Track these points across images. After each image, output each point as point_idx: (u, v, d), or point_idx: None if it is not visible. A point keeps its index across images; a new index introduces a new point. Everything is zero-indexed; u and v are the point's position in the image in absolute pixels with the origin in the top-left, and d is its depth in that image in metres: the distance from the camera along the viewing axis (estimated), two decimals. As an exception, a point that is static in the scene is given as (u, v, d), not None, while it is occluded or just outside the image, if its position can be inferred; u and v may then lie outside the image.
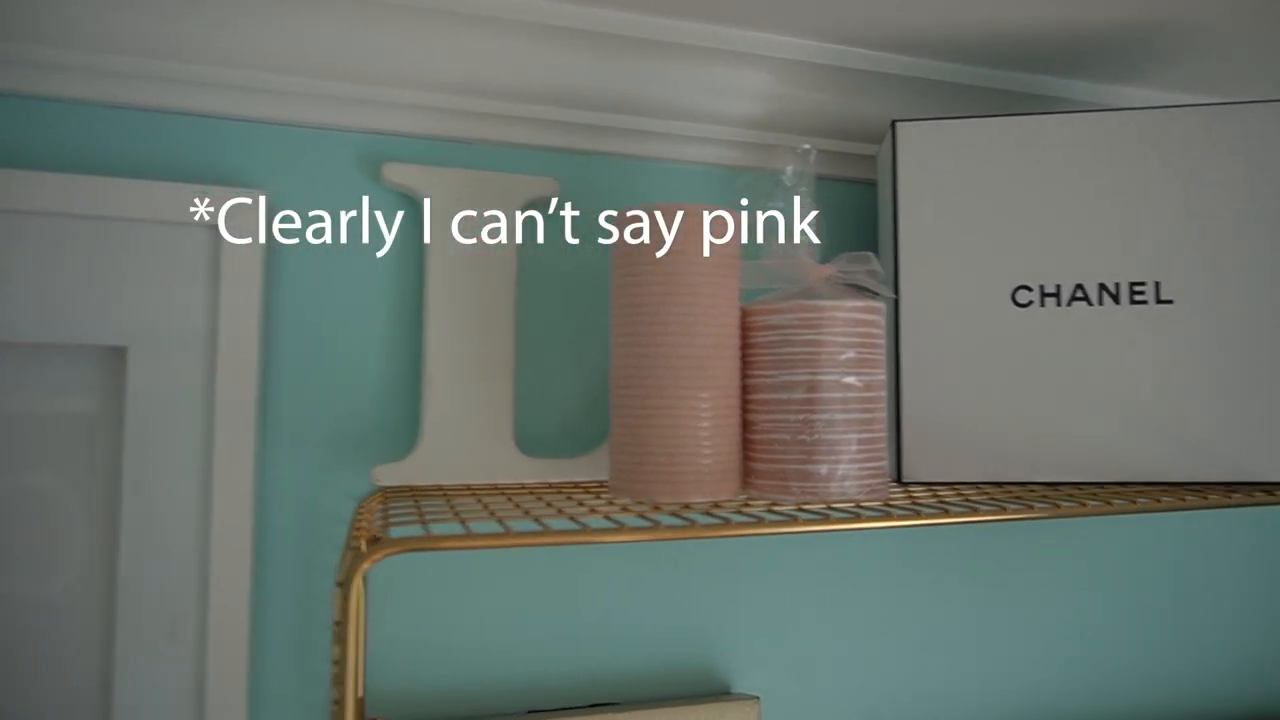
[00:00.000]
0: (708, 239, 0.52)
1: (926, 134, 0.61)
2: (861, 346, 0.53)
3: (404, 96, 0.61)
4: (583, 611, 0.66)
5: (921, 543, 0.75)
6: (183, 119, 0.59)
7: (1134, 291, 0.59)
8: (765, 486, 0.53)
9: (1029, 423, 0.60)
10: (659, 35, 0.63)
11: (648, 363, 0.52)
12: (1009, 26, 0.64)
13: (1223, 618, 0.85)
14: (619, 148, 0.67)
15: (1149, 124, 0.60)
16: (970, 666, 0.76)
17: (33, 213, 0.54)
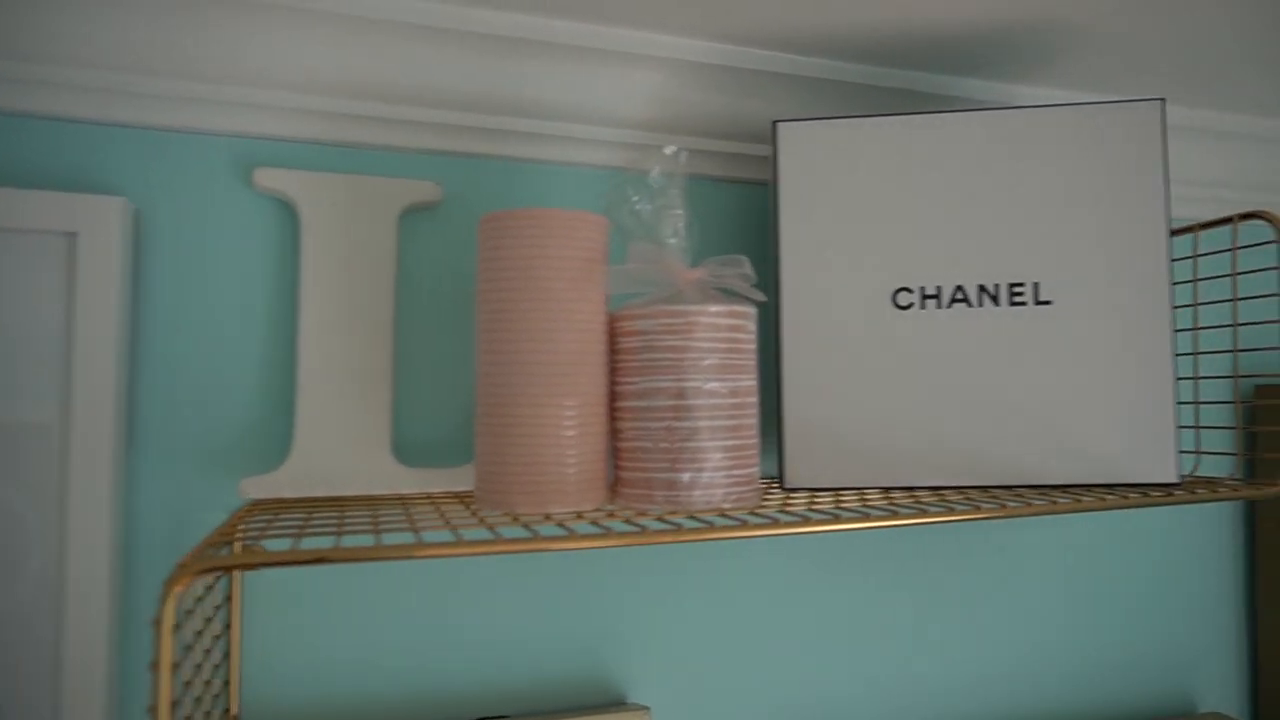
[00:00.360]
0: (570, 243, 0.51)
1: (806, 134, 0.61)
2: (728, 352, 0.52)
3: (277, 99, 0.60)
4: (468, 624, 0.65)
5: (811, 549, 0.74)
6: (41, 123, 0.57)
7: (1013, 293, 0.59)
8: (631, 495, 0.52)
9: (911, 427, 0.59)
10: (543, 36, 0.62)
11: (507, 370, 0.51)
12: (898, 25, 0.63)
13: (1115, 619, 0.84)
14: (507, 150, 0.66)
15: (1026, 123, 0.59)
16: (862, 672, 0.75)
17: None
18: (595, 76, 0.64)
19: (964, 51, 0.67)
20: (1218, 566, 0.89)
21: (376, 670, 0.63)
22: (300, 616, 0.61)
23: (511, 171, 0.67)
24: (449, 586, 0.64)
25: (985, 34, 0.65)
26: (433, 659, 0.64)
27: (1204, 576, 0.88)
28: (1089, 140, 0.58)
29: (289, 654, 0.61)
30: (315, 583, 0.62)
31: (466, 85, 0.63)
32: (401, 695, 0.63)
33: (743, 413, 0.53)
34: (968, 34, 0.64)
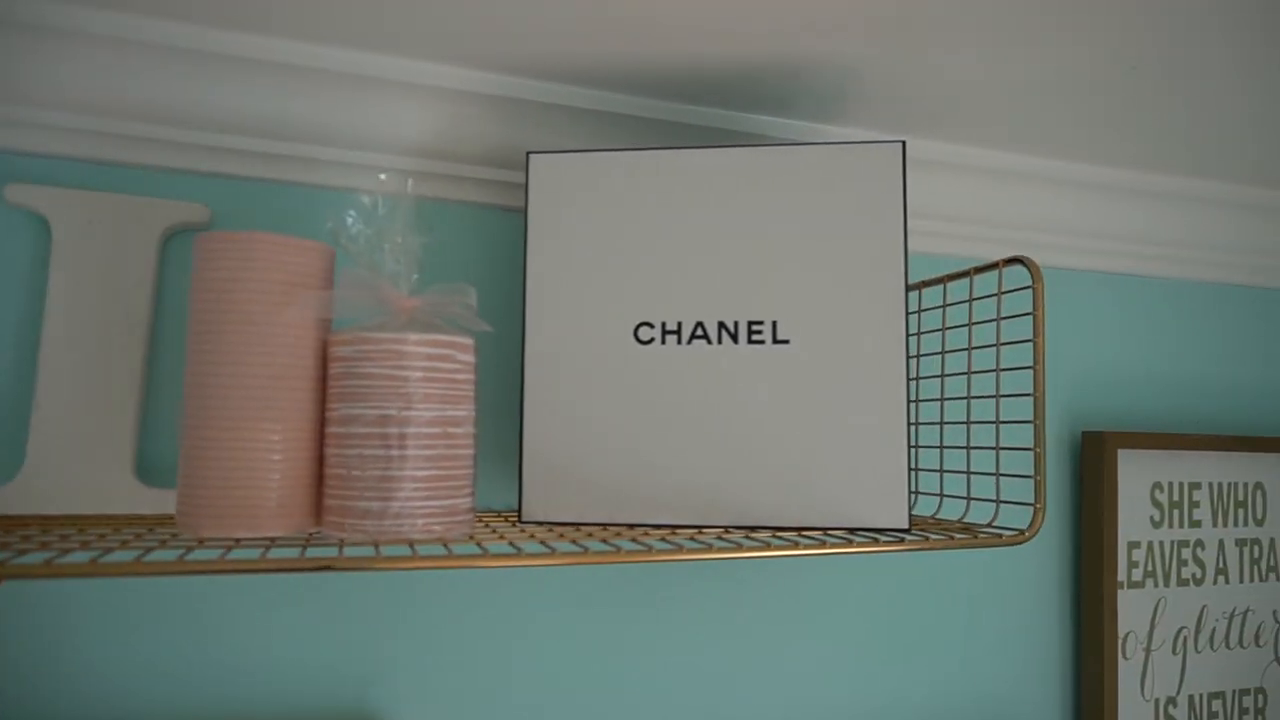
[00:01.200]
0: (273, 267, 0.51)
1: (558, 165, 0.61)
2: (430, 381, 0.52)
3: (34, 116, 0.60)
4: (224, 644, 0.64)
5: (572, 584, 0.73)
6: None
7: (752, 331, 0.58)
8: (329, 523, 0.52)
9: (650, 463, 0.58)
10: (314, 63, 0.63)
11: (204, 392, 0.51)
12: (673, 61, 0.64)
13: (930, 663, 0.83)
14: (277, 174, 0.66)
15: (771, 161, 0.59)
16: (636, 705, 0.74)
17: None
18: (365, 103, 0.65)
19: (741, 88, 0.68)
20: (1040, 609, 0.88)
21: (125, 697, 0.62)
22: (53, 638, 0.61)
23: (282, 195, 0.67)
24: (208, 611, 0.64)
25: (762, 70, 0.65)
26: (187, 686, 0.63)
27: (1027, 622, 0.87)
28: (831, 180, 0.59)
29: (39, 676, 0.60)
30: (66, 599, 0.61)
31: (238, 109, 0.63)
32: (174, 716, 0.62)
33: (451, 442, 0.52)
34: (745, 70, 0.65)
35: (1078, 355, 0.92)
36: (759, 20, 0.57)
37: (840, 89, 0.68)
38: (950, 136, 0.77)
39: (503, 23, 0.58)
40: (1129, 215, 0.89)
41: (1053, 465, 0.90)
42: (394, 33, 0.60)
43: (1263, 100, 0.70)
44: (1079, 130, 0.76)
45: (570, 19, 0.58)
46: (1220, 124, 0.75)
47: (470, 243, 0.71)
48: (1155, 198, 0.88)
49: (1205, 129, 0.76)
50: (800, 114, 0.72)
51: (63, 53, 0.59)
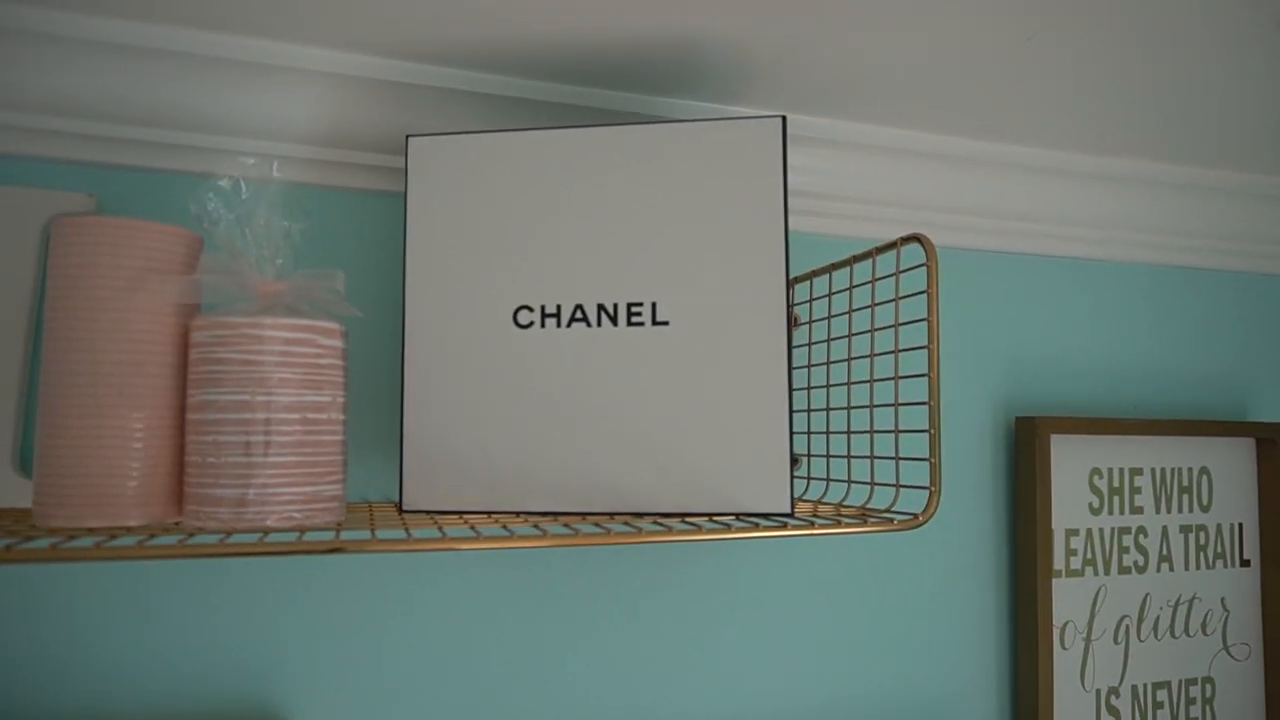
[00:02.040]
0: (125, 252, 0.50)
1: (436, 148, 0.60)
2: (295, 366, 0.51)
3: (-89, 107, 0.60)
4: (127, 641, 0.63)
5: (495, 572, 0.72)
6: None
7: (631, 312, 0.57)
8: (189, 511, 0.51)
9: (531, 450, 0.57)
10: (200, 49, 0.62)
11: (55, 380, 0.50)
12: (562, 40, 0.62)
13: (868, 657, 0.82)
14: (163, 164, 0.65)
15: (649, 139, 0.58)
16: (547, 701, 0.73)
17: None
18: (250, 90, 0.64)
19: (632, 69, 0.66)
20: (979, 598, 0.87)
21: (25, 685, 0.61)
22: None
23: (168, 184, 0.66)
24: (80, 600, 0.63)
25: (653, 49, 0.64)
26: (80, 681, 0.62)
27: (963, 613, 0.86)
28: (709, 157, 0.57)
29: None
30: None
31: (124, 97, 0.62)
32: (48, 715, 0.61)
33: (312, 429, 0.51)
34: (636, 50, 0.64)
35: (1010, 341, 0.90)
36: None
37: (733, 68, 0.66)
38: (845, 114, 0.76)
39: (387, 5, 0.57)
40: (1056, 196, 0.87)
41: (986, 453, 0.88)
42: (278, 18, 0.59)
43: (1165, 70, 0.68)
44: (992, 107, 0.75)
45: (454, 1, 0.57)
46: (1125, 98, 0.73)
47: (355, 229, 0.70)
48: (1074, 177, 0.87)
49: (1110, 102, 0.74)
50: (694, 95, 0.71)
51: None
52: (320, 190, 0.69)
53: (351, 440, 0.68)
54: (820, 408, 0.67)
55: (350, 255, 0.69)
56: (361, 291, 0.68)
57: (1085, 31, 0.62)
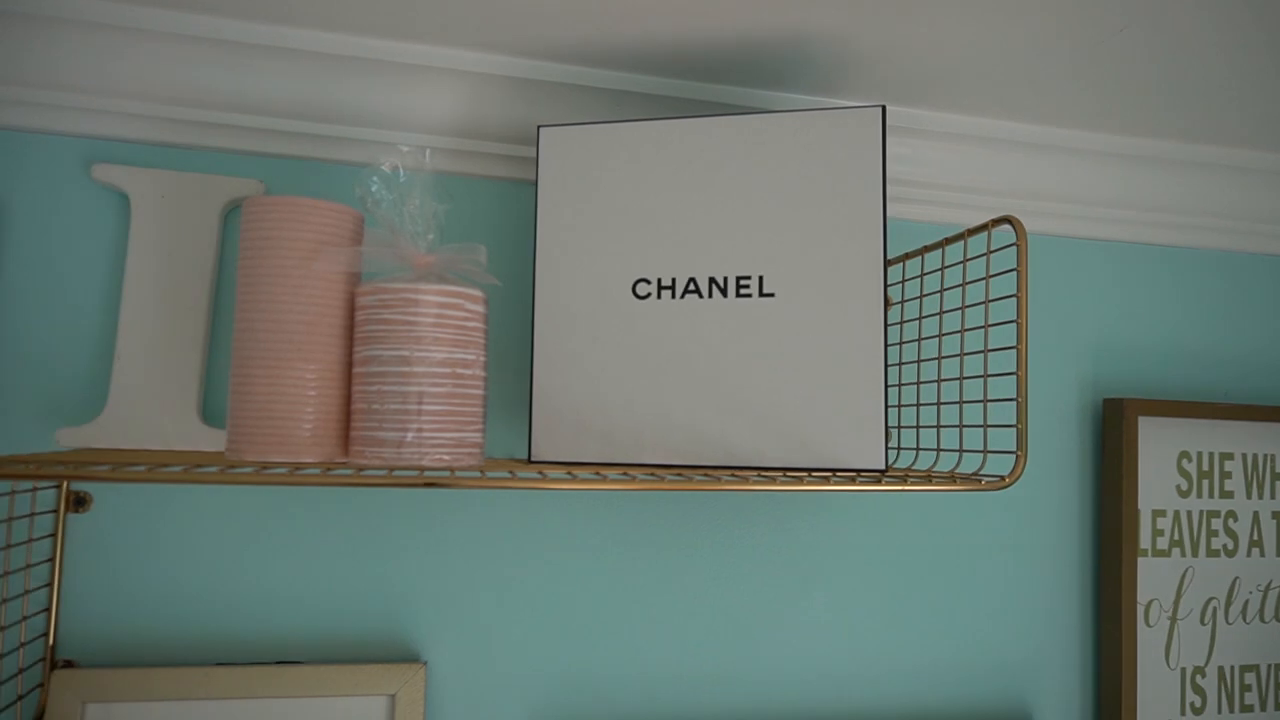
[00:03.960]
0: (303, 228, 0.58)
1: (565, 137, 0.66)
2: (447, 328, 0.58)
3: (116, 105, 0.69)
4: (283, 573, 0.72)
5: (608, 521, 0.78)
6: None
7: (740, 285, 0.63)
8: (354, 451, 0.59)
9: (646, 408, 0.64)
10: (352, 51, 0.70)
11: (245, 337, 0.58)
12: (682, 39, 0.69)
13: (952, 624, 0.86)
14: (323, 153, 0.74)
15: (758, 128, 0.64)
16: (651, 644, 0.79)
17: None
18: (397, 87, 0.72)
19: (739, 63, 0.72)
20: (1064, 574, 0.89)
21: (187, 610, 0.70)
22: (117, 558, 0.70)
23: (326, 171, 0.75)
24: (255, 535, 0.72)
25: (758, 45, 0.69)
26: (238, 604, 0.71)
27: (1047, 587, 0.89)
28: (814, 144, 0.63)
29: (107, 589, 0.69)
30: (136, 525, 0.70)
31: (288, 95, 0.71)
32: (205, 635, 0.70)
33: (460, 382, 0.59)
34: (742, 46, 0.69)
35: (1099, 325, 0.92)
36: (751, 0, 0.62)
37: (834, 63, 0.71)
38: (940, 105, 0.79)
39: (517, 8, 0.65)
40: (1144, 183, 0.89)
41: (1073, 433, 0.91)
42: (422, 22, 0.67)
43: (1254, 62, 0.70)
44: (1079, 98, 0.78)
45: (575, 3, 0.63)
46: (1211, 86, 0.75)
47: (490, 212, 0.77)
48: (1162, 164, 0.88)
49: (1197, 91, 0.76)
50: (796, 87, 0.76)
51: (137, 49, 0.68)
52: (459, 176, 0.76)
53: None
54: (911, 381, 0.71)
55: (482, 233, 0.77)
56: (492, 267, 0.76)
57: (1175, 23, 0.65)
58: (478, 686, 0.75)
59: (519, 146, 0.75)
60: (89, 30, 0.67)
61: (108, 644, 0.69)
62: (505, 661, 0.76)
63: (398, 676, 0.70)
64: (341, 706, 0.69)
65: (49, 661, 0.67)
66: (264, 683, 0.68)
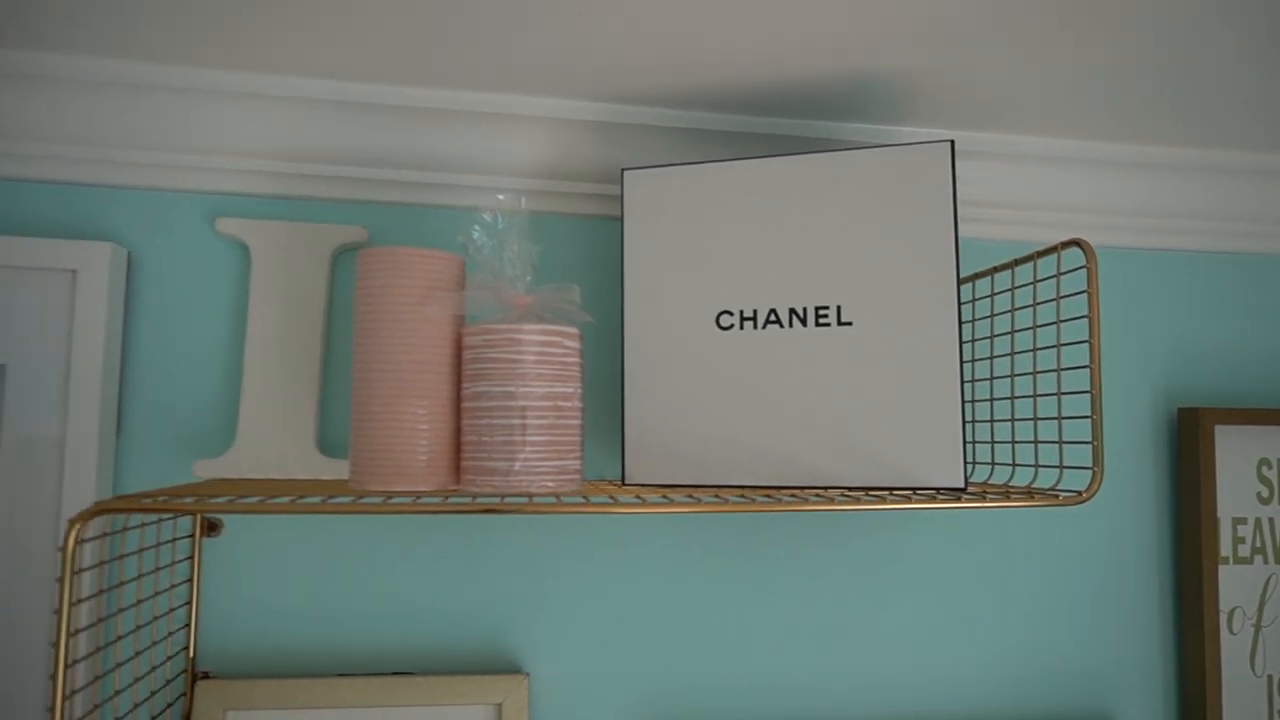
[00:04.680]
0: (415, 275, 0.64)
1: (647, 179, 0.71)
2: (547, 364, 0.63)
3: (234, 163, 0.76)
4: (396, 590, 0.78)
5: (710, 537, 0.82)
6: (52, 187, 0.76)
7: (819, 315, 0.66)
8: (466, 480, 0.64)
9: (730, 432, 0.67)
10: (443, 105, 0.76)
11: (365, 376, 0.64)
12: (750, 80, 0.73)
13: (1035, 629, 0.87)
14: (418, 199, 0.79)
15: (832, 165, 0.67)
16: (738, 654, 0.82)
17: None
18: (486, 134, 0.77)
19: (807, 99, 0.76)
20: (1145, 580, 0.90)
21: (311, 624, 0.76)
22: (248, 576, 0.76)
23: (423, 215, 0.80)
24: (379, 556, 0.78)
25: (825, 84, 0.73)
26: (359, 619, 0.77)
27: (1131, 590, 0.90)
28: (886, 179, 0.66)
29: (239, 606, 0.76)
30: (263, 547, 0.76)
31: (388, 146, 0.77)
32: (328, 647, 0.76)
33: (560, 415, 0.63)
34: (809, 84, 0.73)
35: (1171, 334, 0.93)
36: (819, 42, 0.65)
37: (897, 94, 0.74)
38: (1004, 128, 0.82)
39: (598, 59, 0.69)
40: (1210, 193, 0.90)
41: (1148, 442, 0.92)
42: (509, 74, 0.72)
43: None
44: (1138, 113, 0.79)
45: (655, 52, 0.68)
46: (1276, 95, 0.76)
47: (574, 248, 0.82)
48: (1228, 174, 0.89)
49: (1260, 99, 0.77)
50: (862, 118, 0.79)
51: (254, 112, 0.74)
52: (545, 216, 0.81)
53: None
54: (984, 399, 0.74)
55: (567, 268, 0.82)
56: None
57: (1240, 36, 0.66)
58: (576, 696, 0.79)
59: (600, 185, 0.79)
60: (210, 97, 0.74)
61: (239, 656, 0.75)
62: (601, 672, 0.80)
63: (503, 686, 0.75)
64: (453, 714, 0.74)
65: (190, 673, 0.74)
66: (383, 692, 0.73)
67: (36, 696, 0.70)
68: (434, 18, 0.64)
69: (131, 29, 0.66)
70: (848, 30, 0.64)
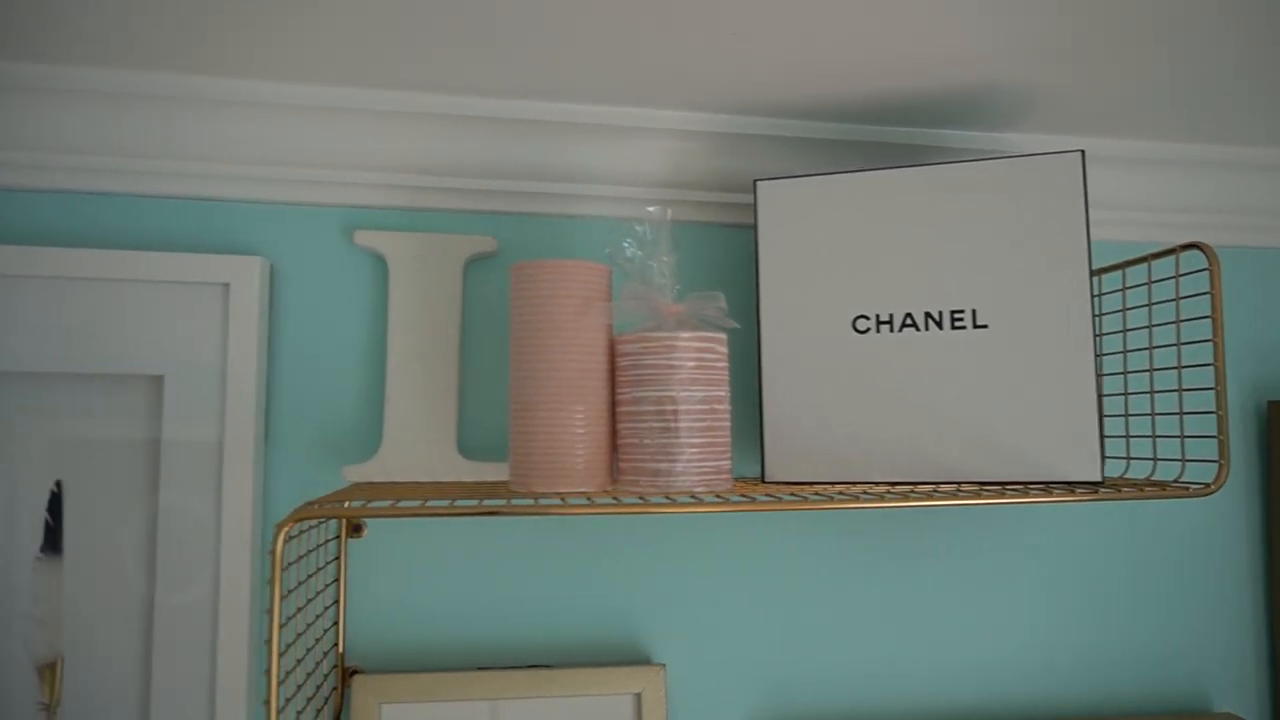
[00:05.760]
0: (575, 286, 0.67)
1: (780, 189, 0.74)
2: (701, 368, 0.66)
3: (370, 178, 0.79)
4: (529, 586, 0.81)
5: (828, 532, 0.85)
6: (204, 203, 0.79)
7: (954, 318, 0.69)
8: (625, 481, 0.67)
9: (868, 430, 0.70)
10: (571, 118, 0.78)
11: (528, 383, 0.66)
12: (863, 92, 0.75)
13: (1131, 616, 0.91)
14: (547, 209, 0.82)
15: (966, 175, 0.70)
16: (869, 652, 0.85)
17: (108, 279, 0.74)
18: (613, 146, 0.80)
19: (928, 109, 0.78)
20: (1238, 569, 0.94)
21: (452, 620, 0.79)
22: (389, 575, 0.79)
23: (552, 226, 0.83)
24: (515, 554, 0.81)
25: (947, 94, 0.76)
26: (497, 614, 0.80)
27: (1224, 578, 0.93)
28: (1019, 188, 0.69)
29: (381, 604, 0.79)
30: (403, 547, 0.79)
31: (515, 159, 0.80)
32: (468, 642, 0.79)
33: (715, 417, 0.66)
34: (931, 95, 0.76)
35: (1259, 330, 0.96)
36: (948, 55, 0.68)
37: (1017, 103, 0.77)
38: (1121, 133, 0.85)
39: (725, 72, 0.72)
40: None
41: (1240, 435, 0.95)
42: (635, 87, 0.75)
43: None
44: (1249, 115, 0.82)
45: (783, 67, 0.71)
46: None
47: (697, 255, 0.85)
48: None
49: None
50: (983, 125, 0.82)
51: (389, 127, 0.77)
52: (675, 224, 0.84)
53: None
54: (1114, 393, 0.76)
55: (700, 275, 0.85)
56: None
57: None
58: (707, 686, 0.83)
59: (717, 193, 0.82)
60: (347, 114, 0.76)
61: (383, 652, 0.79)
62: (731, 663, 0.83)
63: (642, 677, 0.78)
64: (594, 705, 0.77)
65: (341, 669, 0.77)
66: (527, 685, 0.77)
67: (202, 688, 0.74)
68: (568, 35, 0.66)
69: (273, 50, 0.69)
70: (976, 45, 0.67)
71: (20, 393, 0.74)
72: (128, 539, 0.75)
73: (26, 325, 0.74)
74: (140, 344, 0.75)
